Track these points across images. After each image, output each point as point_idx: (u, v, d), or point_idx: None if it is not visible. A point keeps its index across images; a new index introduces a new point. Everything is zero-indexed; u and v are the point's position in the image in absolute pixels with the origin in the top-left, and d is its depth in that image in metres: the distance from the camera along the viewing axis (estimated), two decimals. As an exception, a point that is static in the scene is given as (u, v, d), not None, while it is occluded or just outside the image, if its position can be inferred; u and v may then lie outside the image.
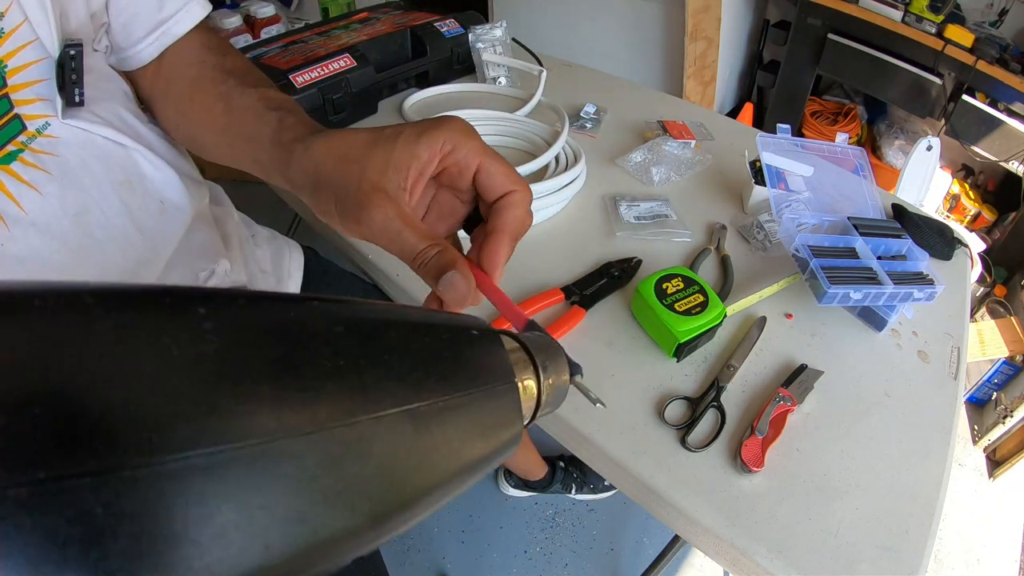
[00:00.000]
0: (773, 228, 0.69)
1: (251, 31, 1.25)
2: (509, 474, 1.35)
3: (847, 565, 0.43)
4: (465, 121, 0.34)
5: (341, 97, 0.83)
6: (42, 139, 0.39)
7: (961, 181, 1.84)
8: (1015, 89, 1.47)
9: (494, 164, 0.33)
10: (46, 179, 0.39)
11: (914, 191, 1.52)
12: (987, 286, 1.65)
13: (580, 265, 0.66)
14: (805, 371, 0.55)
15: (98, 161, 0.43)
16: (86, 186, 0.42)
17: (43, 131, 0.39)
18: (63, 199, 0.40)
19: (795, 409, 0.51)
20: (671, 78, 1.83)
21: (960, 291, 0.68)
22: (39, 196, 0.39)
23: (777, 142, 0.73)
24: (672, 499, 0.46)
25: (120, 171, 0.45)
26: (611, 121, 0.93)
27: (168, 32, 0.48)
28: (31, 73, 0.38)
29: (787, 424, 0.50)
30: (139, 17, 0.47)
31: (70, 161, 0.41)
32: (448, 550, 1.28)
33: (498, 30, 1.01)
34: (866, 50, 1.69)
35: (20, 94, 0.38)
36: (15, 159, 0.37)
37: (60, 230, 0.40)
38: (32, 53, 0.38)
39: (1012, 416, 1.40)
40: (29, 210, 0.38)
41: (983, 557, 1.32)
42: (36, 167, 0.38)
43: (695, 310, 0.55)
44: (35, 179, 0.38)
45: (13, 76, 0.37)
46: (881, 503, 0.47)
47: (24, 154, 0.38)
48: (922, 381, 0.57)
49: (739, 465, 0.47)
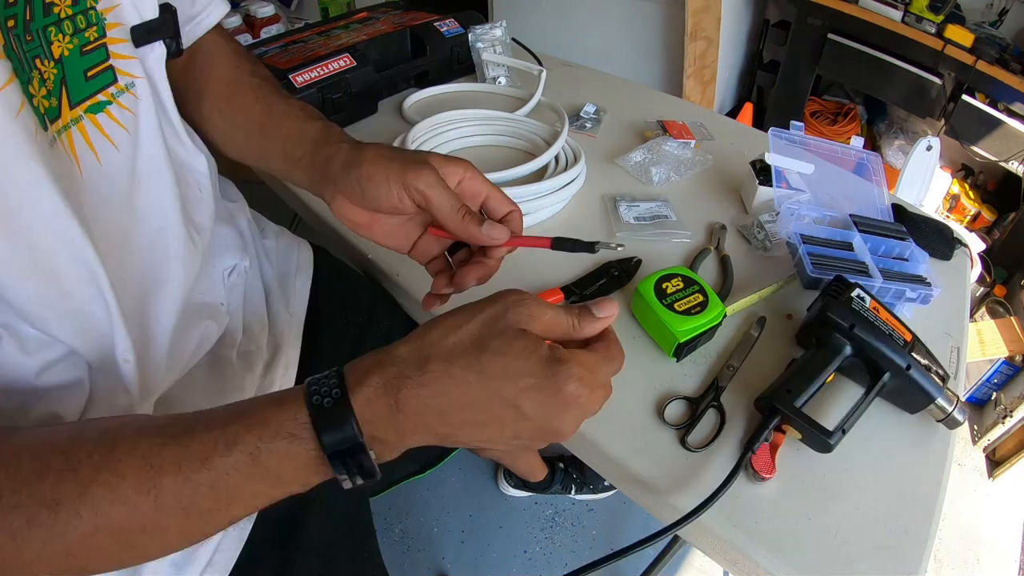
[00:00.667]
0: (773, 228, 0.69)
1: (251, 31, 1.25)
2: (509, 474, 1.35)
3: (847, 565, 0.43)
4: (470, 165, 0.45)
5: (341, 97, 0.83)
6: (128, 96, 0.41)
7: (961, 181, 1.84)
8: (1015, 89, 1.47)
9: (497, 193, 0.46)
10: (125, 138, 0.41)
11: (914, 191, 1.52)
12: (987, 286, 1.65)
13: (580, 265, 0.66)
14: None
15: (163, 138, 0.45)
16: (154, 154, 0.43)
17: (130, 88, 0.41)
18: (135, 161, 0.42)
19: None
20: (671, 78, 1.83)
21: (960, 291, 0.68)
22: (116, 152, 0.40)
23: (789, 138, 0.73)
24: (672, 499, 0.46)
25: (174, 152, 0.47)
26: (611, 121, 0.93)
27: (200, 24, 0.53)
28: (125, 32, 0.40)
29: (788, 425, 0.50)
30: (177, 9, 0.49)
31: (144, 127, 0.42)
32: (448, 550, 1.28)
33: (498, 30, 1.00)
34: (866, 50, 1.69)
35: (116, 47, 0.39)
36: (103, 110, 0.39)
37: (128, 190, 0.41)
38: (128, 14, 0.40)
39: (1012, 416, 1.40)
40: (105, 163, 0.39)
41: (983, 557, 1.32)
42: (119, 123, 0.40)
43: (695, 310, 0.55)
44: (115, 134, 0.40)
45: (112, 30, 0.39)
46: (881, 503, 0.47)
47: (111, 107, 0.39)
48: (922, 381, 0.57)
49: (751, 475, 0.47)
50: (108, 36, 0.38)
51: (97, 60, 0.38)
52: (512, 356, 0.31)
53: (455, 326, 0.32)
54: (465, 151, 0.84)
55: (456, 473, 1.41)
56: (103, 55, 0.38)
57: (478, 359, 0.31)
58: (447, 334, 0.32)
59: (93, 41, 0.37)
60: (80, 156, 0.37)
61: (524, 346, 0.31)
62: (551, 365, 0.31)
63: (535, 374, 0.31)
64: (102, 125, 0.39)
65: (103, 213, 0.39)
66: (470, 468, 1.42)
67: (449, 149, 0.82)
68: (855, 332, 0.51)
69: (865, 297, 0.53)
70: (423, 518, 1.33)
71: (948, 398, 0.50)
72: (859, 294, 0.53)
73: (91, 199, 0.38)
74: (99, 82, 0.38)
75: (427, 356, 0.31)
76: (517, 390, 0.31)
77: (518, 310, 0.32)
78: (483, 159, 0.82)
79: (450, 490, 1.38)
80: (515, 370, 0.31)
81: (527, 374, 0.31)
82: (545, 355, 0.31)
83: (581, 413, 0.33)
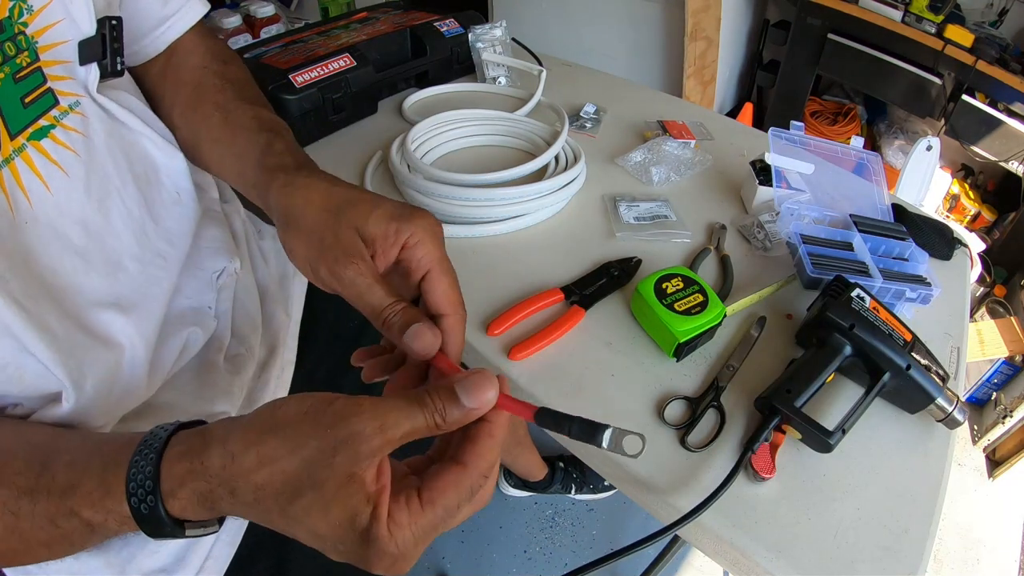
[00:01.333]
0: (773, 228, 0.69)
1: (251, 31, 1.25)
2: (509, 474, 1.35)
3: (847, 565, 0.43)
4: (438, 224, 0.37)
5: (341, 97, 0.83)
6: (73, 116, 0.39)
7: (961, 181, 1.84)
8: (1015, 89, 1.47)
9: (441, 279, 0.36)
10: (74, 160, 0.39)
11: (914, 191, 1.52)
12: (987, 286, 1.65)
13: (580, 265, 0.66)
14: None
15: (121, 150, 0.43)
16: (109, 174, 0.42)
17: (74, 108, 0.39)
18: (88, 183, 0.40)
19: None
20: (671, 78, 1.82)
21: (960, 291, 0.68)
22: (65, 177, 0.38)
23: (789, 138, 0.73)
24: (672, 499, 0.46)
25: (139, 163, 0.45)
26: (611, 121, 0.93)
27: (172, 27, 0.50)
28: (62, 52, 0.39)
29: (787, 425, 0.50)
30: (145, 12, 0.48)
31: (96, 145, 0.41)
32: (448, 550, 1.28)
33: (498, 30, 1.00)
34: (866, 50, 1.69)
35: (52, 70, 0.38)
36: (46, 135, 0.37)
37: (82, 214, 0.40)
38: (63, 32, 0.38)
39: (1012, 416, 1.40)
40: (55, 190, 0.38)
41: (983, 557, 1.32)
42: (65, 146, 0.38)
43: (695, 310, 0.55)
44: (63, 159, 0.38)
45: (45, 52, 0.37)
46: (881, 503, 0.47)
47: (55, 131, 0.38)
48: (922, 381, 0.57)
49: (751, 475, 0.47)
50: (42, 59, 0.37)
51: (33, 85, 0.36)
52: (321, 520, 0.27)
53: (268, 459, 0.27)
54: (465, 151, 0.84)
55: (456, 473, 1.41)
56: (39, 79, 0.37)
57: (285, 509, 0.27)
58: (259, 468, 0.27)
59: (26, 66, 0.36)
60: (27, 186, 0.36)
61: (339, 516, 0.26)
62: (363, 543, 0.27)
63: (344, 544, 0.27)
64: (48, 151, 0.37)
65: (52, 245, 0.38)
66: (470, 468, 1.42)
67: (449, 149, 0.83)
68: (855, 332, 0.51)
69: (865, 297, 0.53)
70: (423, 518, 1.33)
71: (948, 398, 0.50)
72: (859, 294, 0.53)
73: (39, 231, 0.37)
74: (38, 107, 0.37)
75: (234, 487, 0.27)
76: (324, 549, 0.28)
77: (350, 450, 0.26)
78: (483, 159, 0.82)
79: (450, 490, 1.38)
80: (323, 535, 0.27)
81: (336, 541, 0.27)
82: (359, 530, 0.26)
83: (404, 569, 0.28)
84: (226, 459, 0.27)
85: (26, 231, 0.36)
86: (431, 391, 0.29)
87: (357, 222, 0.35)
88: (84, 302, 0.39)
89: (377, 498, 0.27)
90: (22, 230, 0.36)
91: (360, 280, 0.34)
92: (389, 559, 0.27)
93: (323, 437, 0.26)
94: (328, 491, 0.26)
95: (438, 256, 0.36)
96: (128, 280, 0.43)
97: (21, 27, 0.36)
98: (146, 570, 0.42)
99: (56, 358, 0.36)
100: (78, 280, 0.39)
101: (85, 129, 0.40)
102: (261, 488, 0.27)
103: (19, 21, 0.35)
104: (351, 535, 0.27)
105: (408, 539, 0.27)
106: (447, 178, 0.70)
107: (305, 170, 0.40)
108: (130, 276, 0.43)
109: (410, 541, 0.27)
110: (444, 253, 0.36)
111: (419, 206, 0.70)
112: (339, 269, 0.34)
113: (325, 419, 0.27)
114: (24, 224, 0.36)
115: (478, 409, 0.29)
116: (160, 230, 0.46)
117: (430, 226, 0.36)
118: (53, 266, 0.38)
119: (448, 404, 0.29)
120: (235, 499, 0.27)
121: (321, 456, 0.26)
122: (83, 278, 0.40)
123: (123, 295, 0.42)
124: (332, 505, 0.26)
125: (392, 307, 0.34)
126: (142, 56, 0.51)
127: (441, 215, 0.69)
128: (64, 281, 0.38)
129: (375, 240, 0.35)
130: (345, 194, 0.37)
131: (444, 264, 0.36)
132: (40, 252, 0.37)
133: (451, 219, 0.69)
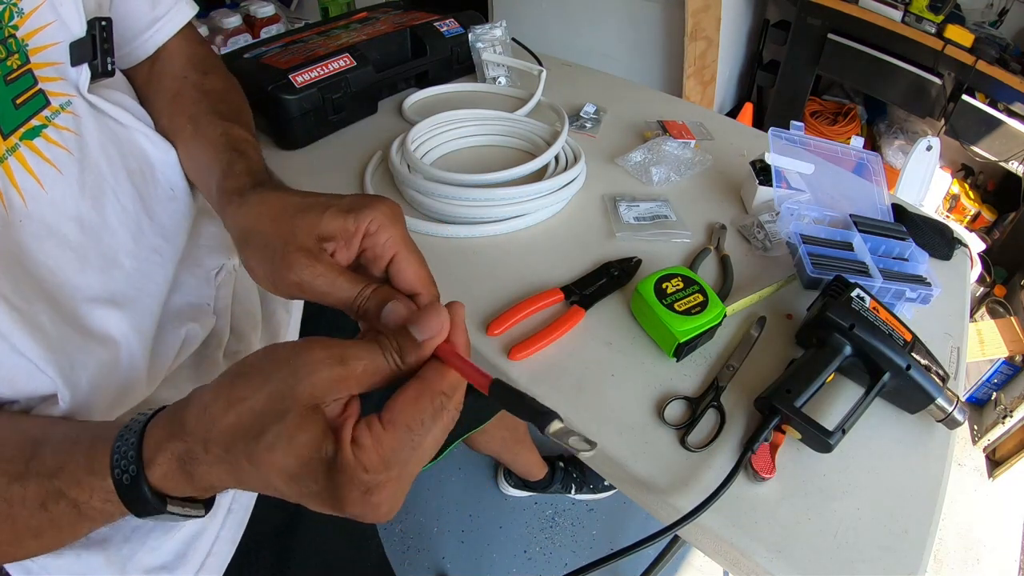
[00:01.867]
0: (773, 228, 0.69)
1: (251, 31, 1.25)
2: (509, 474, 1.35)
3: (847, 565, 0.43)
4: (396, 206, 0.35)
5: (341, 97, 0.83)
6: (65, 115, 0.40)
7: (961, 181, 1.84)
8: (1015, 89, 1.47)
9: (408, 260, 0.34)
10: (67, 158, 0.40)
11: (914, 191, 1.52)
12: (987, 286, 1.65)
13: (580, 265, 0.66)
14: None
15: (115, 147, 0.44)
16: (103, 171, 0.42)
17: (66, 107, 0.40)
18: (82, 180, 0.41)
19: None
20: (671, 78, 1.82)
21: (960, 291, 0.68)
22: (59, 175, 0.39)
23: (789, 138, 0.73)
24: (672, 499, 0.46)
25: (133, 159, 0.45)
26: (611, 121, 0.93)
27: (161, 31, 0.51)
28: (52, 54, 0.39)
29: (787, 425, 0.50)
30: (135, 13, 0.49)
31: (90, 143, 0.41)
32: (448, 550, 1.28)
33: (498, 30, 1.00)
34: (866, 50, 1.69)
35: (43, 71, 0.38)
36: (39, 135, 0.38)
37: (77, 211, 0.40)
38: (53, 34, 0.39)
39: (1012, 416, 1.40)
40: (49, 188, 0.38)
41: (983, 557, 1.33)
42: (58, 144, 0.39)
43: (695, 310, 0.55)
44: (56, 157, 0.39)
45: (35, 55, 0.38)
46: (881, 503, 0.47)
47: (47, 130, 0.38)
48: (922, 381, 0.57)
49: (751, 475, 0.47)
50: (33, 61, 0.38)
51: (24, 87, 0.37)
52: (287, 453, 0.26)
53: (237, 400, 0.27)
54: (465, 151, 0.84)
55: (456, 473, 1.41)
56: (30, 80, 0.37)
57: (253, 451, 0.26)
58: (228, 410, 0.27)
59: (17, 69, 0.36)
60: (21, 185, 0.36)
61: (303, 445, 0.26)
62: (331, 476, 0.26)
63: (315, 480, 0.27)
64: (40, 150, 0.38)
65: (47, 242, 0.38)
66: (470, 468, 1.42)
67: (449, 149, 0.83)
68: (855, 332, 0.51)
69: (865, 297, 0.53)
70: (423, 518, 1.33)
71: (948, 398, 0.50)
72: (859, 294, 0.53)
73: (34, 228, 0.37)
74: (30, 108, 0.37)
75: (207, 436, 0.28)
76: (298, 493, 0.27)
77: (311, 380, 0.27)
78: (483, 159, 0.82)
79: (450, 490, 1.38)
80: (291, 471, 0.27)
81: (305, 477, 0.27)
82: (326, 460, 0.26)
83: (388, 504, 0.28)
84: (200, 411, 0.28)
85: (21, 229, 0.36)
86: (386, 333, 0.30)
87: (311, 224, 0.34)
88: (80, 299, 0.40)
89: (340, 427, 0.27)
90: (16, 228, 0.36)
91: (319, 280, 0.32)
92: (360, 487, 0.26)
93: (283, 369, 0.27)
94: (291, 422, 0.26)
95: (401, 237, 0.34)
96: (123, 276, 0.43)
97: (11, 30, 0.36)
98: (147, 567, 0.42)
99: (48, 357, 0.36)
100: (74, 277, 0.40)
101: (77, 127, 0.40)
102: (231, 431, 0.27)
103: (9, 24, 0.36)
104: (319, 468, 0.26)
105: (375, 461, 0.26)
106: (447, 178, 0.70)
107: (260, 188, 0.39)
108: (125, 272, 0.43)
109: (377, 463, 0.26)
110: (407, 234, 0.35)
111: (417, 205, 0.71)
112: (294, 275, 0.32)
113: (284, 353, 0.28)
114: (19, 222, 0.36)
115: (432, 339, 0.29)
116: (155, 226, 0.47)
117: (388, 210, 0.34)
118: (48, 263, 0.38)
119: (403, 341, 0.29)
120: (208, 454, 0.28)
121: (283, 386, 0.27)
122: (79, 275, 0.40)
123: (119, 291, 0.43)
124: (296, 435, 0.26)
125: (362, 293, 0.32)
126: (131, 59, 0.51)
127: (441, 215, 0.70)
128: (59, 278, 0.39)
129: (334, 237, 0.34)
130: (298, 201, 0.35)
131: (409, 245, 0.34)
132: (35, 250, 0.37)
133: (451, 219, 0.69)
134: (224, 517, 0.47)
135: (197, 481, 0.29)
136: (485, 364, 0.56)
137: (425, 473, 0.72)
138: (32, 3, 0.37)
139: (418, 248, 0.35)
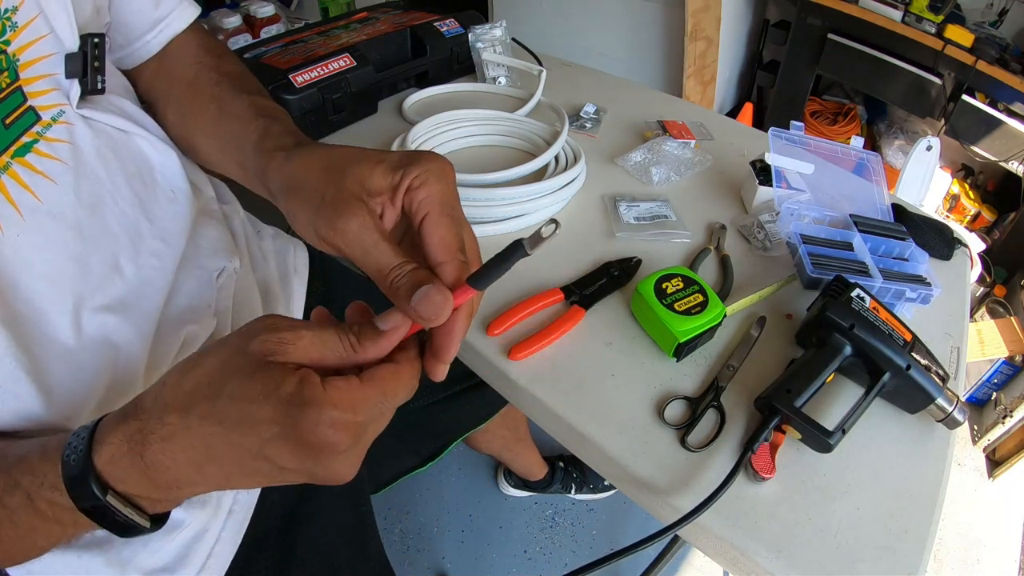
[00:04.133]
0: (773, 228, 0.69)
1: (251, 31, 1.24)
2: (509, 474, 1.35)
3: (847, 565, 0.43)
4: (446, 163, 0.33)
5: (341, 97, 0.83)
6: (57, 126, 0.39)
7: (961, 181, 1.84)
8: (1015, 89, 1.47)
9: (437, 223, 0.32)
10: (61, 168, 0.39)
11: (914, 191, 1.52)
12: (987, 286, 1.65)
13: (580, 265, 0.66)
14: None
15: (111, 152, 0.43)
16: (100, 177, 0.42)
17: (58, 119, 0.39)
18: (78, 189, 0.40)
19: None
20: (671, 78, 1.83)
21: (960, 291, 0.68)
22: (54, 186, 0.39)
23: (789, 138, 0.73)
24: (672, 499, 0.46)
25: (131, 163, 0.45)
26: (611, 121, 0.93)
27: (165, 30, 0.50)
28: (45, 66, 0.39)
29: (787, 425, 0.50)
30: (138, 14, 0.48)
31: (84, 151, 0.41)
32: (448, 550, 1.28)
33: (498, 30, 1.00)
34: (866, 50, 1.69)
35: (34, 86, 0.38)
36: (30, 150, 0.38)
37: (76, 219, 0.40)
38: (46, 46, 0.39)
39: (1012, 416, 1.40)
40: (45, 199, 0.38)
41: (983, 557, 1.33)
42: (51, 156, 0.39)
43: (695, 310, 0.55)
44: (50, 169, 0.39)
45: (26, 69, 0.38)
46: (881, 503, 0.47)
47: (39, 144, 0.38)
48: (922, 381, 0.57)
49: (751, 475, 0.47)
50: (23, 77, 0.37)
51: (13, 105, 0.36)
52: (248, 399, 0.26)
53: (192, 365, 0.28)
54: (465, 151, 0.84)
55: (456, 473, 1.41)
56: (19, 99, 0.37)
57: (214, 406, 0.26)
58: (183, 376, 0.27)
59: (6, 87, 0.36)
60: (17, 200, 0.36)
61: (263, 386, 0.26)
62: (293, 409, 0.26)
63: (276, 420, 0.26)
64: (33, 164, 0.37)
65: (46, 253, 0.38)
66: (470, 468, 1.42)
67: (449, 149, 0.82)
68: (855, 332, 0.51)
69: (865, 297, 0.53)
70: (423, 518, 1.33)
71: (948, 398, 0.50)
72: (859, 294, 0.53)
73: (33, 240, 0.37)
74: (20, 126, 0.37)
75: (165, 405, 0.27)
76: (260, 441, 0.26)
77: (264, 337, 0.27)
78: (483, 159, 0.82)
79: (450, 490, 1.38)
80: (253, 416, 0.26)
81: (267, 421, 0.26)
82: (287, 395, 0.26)
83: (346, 457, 0.28)
84: (157, 387, 0.29)
85: (18, 244, 0.36)
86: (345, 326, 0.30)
87: (361, 176, 0.32)
88: (80, 305, 0.40)
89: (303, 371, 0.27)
90: (12, 245, 0.36)
91: (365, 234, 0.31)
92: (326, 421, 0.26)
93: (236, 334, 0.28)
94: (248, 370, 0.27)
95: (440, 197, 0.32)
96: (124, 280, 0.43)
97: (3, 45, 0.36)
98: (147, 569, 0.42)
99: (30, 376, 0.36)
100: (75, 285, 0.39)
101: (71, 137, 0.40)
102: (190, 394, 0.27)
103: (2, 40, 0.36)
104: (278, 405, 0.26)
105: (345, 400, 0.26)
106: (447, 178, 0.69)
107: (305, 144, 0.39)
108: (125, 276, 0.43)
109: (347, 403, 0.26)
110: (451, 195, 0.33)
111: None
112: (342, 222, 0.31)
113: (241, 327, 0.29)
114: (15, 237, 0.36)
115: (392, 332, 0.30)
116: (155, 229, 0.46)
117: (437, 167, 0.32)
118: (48, 274, 0.38)
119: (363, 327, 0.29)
120: (165, 426, 0.27)
121: (238, 346, 0.27)
122: (79, 282, 0.40)
123: (119, 295, 0.43)
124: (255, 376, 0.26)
125: (401, 267, 0.30)
126: (135, 59, 0.51)
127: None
128: (60, 288, 0.39)
129: (381, 193, 0.32)
130: (348, 153, 0.35)
131: (446, 206, 0.32)
132: (34, 261, 0.37)
133: (451, 219, 0.69)
134: (225, 518, 0.47)
135: (150, 465, 0.28)
136: (485, 364, 0.56)
137: (425, 473, 0.72)
138: (27, 16, 0.37)
139: (460, 213, 0.33)
